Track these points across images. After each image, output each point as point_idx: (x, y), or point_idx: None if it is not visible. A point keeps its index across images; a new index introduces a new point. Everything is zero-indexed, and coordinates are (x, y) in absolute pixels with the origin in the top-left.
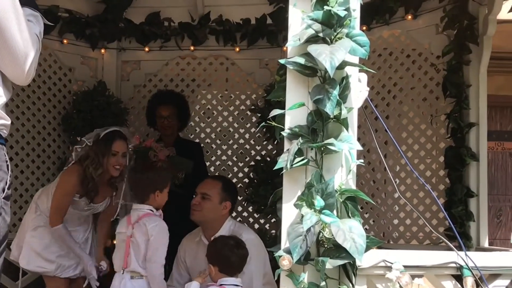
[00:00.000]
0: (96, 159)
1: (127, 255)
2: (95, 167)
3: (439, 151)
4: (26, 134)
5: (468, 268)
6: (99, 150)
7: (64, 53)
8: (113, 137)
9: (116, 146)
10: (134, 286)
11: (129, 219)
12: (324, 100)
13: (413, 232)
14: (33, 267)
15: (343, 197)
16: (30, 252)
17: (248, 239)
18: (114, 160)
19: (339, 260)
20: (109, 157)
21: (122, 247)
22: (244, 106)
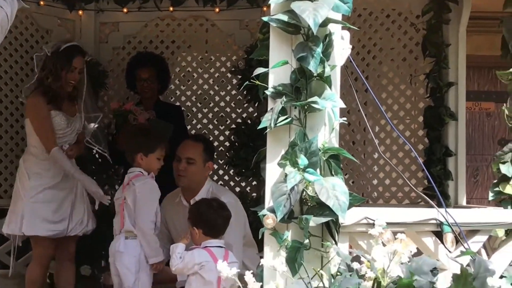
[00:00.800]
0: (55, 72)
1: (122, 217)
2: (54, 79)
3: (418, 111)
4: (4, 99)
5: (448, 224)
6: (58, 63)
7: (41, 15)
8: (74, 53)
9: (76, 62)
10: (126, 245)
11: (123, 185)
12: (308, 57)
13: (392, 192)
14: (43, 232)
15: (326, 155)
16: (36, 218)
17: (227, 202)
18: (72, 75)
19: (322, 217)
20: (68, 72)
21: (118, 211)
22: (225, 68)
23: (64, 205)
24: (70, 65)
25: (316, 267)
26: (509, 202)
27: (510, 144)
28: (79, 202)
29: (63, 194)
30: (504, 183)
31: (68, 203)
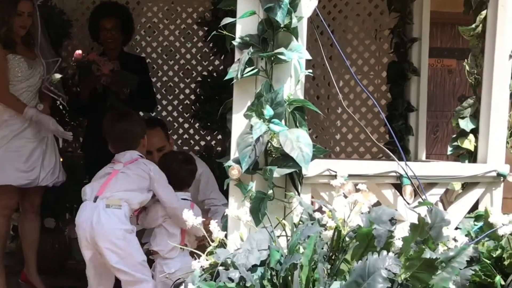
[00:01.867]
0: (1, 18)
1: (105, 184)
2: (2, 23)
3: (382, 66)
4: None
5: (407, 177)
6: (4, 9)
7: None
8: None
9: (22, 6)
10: (109, 215)
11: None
12: (275, 8)
13: (355, 147)
14: (15, 181)
15: (291, 107)
16: (6, 167)
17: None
18: (20, 20)
19: (286, 169)
20: (15, 17)
21: (98, 179)
22: (191, 20)
23: (35, 154)
24: (16, 9)
25: (279, 217)
26: (466, 157)
27: (469, 100)
28: (50, 152)
29: (34, 144)
30: (462, 137)
31: (39, 152)
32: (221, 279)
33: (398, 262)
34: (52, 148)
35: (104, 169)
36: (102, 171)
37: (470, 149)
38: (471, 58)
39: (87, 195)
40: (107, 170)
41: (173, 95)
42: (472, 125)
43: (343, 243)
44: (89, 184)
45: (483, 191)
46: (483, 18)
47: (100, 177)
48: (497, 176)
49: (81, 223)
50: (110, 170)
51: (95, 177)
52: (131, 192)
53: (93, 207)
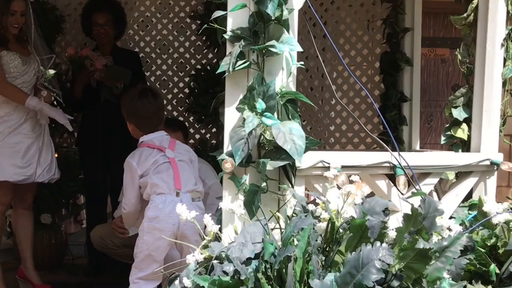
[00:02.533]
0: None
1: (177, 176)
2: None
3: (375, 56)
4: None
5: (401, 167)
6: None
7: None
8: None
9: (15, 5)
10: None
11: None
12: (266, 0)
13: (349, 138)
14: (12, 177)
15: (283, 99)
16: (3, 163)
17: None
18: (13, 19)
19: (279, 161)
20: (8, 16)
21: (164, 170)
22: (184, 13)
23: (31, 150)
24: (9, 8)
25: (273, 210)
26: (460, 146)
27: (462, 89)
28: (46, 149)
29: (30, 140)
30: (456, 127)
31: (35, 148)
32: (216, 272)
33: (391, 252)
34: (48, 144)
35: (155, 158)
36: (155, 161)
37: (464, 138)
38: (463, 47)
39: (163, 189)
40: (161, 159)
41: (167, 88)
42: (465, 114)
43: (337, 234)
44: (152, 176)
45: (477, 180)
46: (475, 7)
47: (160, 168)
48: (491, 164)
49: (170, 218)
50: (165, 159)
51: (151, 169)
52: (197, 181)
53: (176, 201)
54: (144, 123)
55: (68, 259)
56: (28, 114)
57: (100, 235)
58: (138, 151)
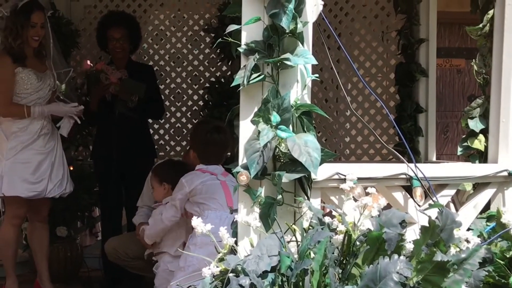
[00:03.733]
0: (15, 30)
1: (229, 194)
2: (14, 37)
3: (390, 68)
4: None
5: (417, 178)
6: (17, 21)
7: None
8: (31, 8)
9: (35, 17)
10: None
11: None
12: (280, 14)
13: (364, 149)
14: (23, 193)
15: (298, 112)
16: (15, 178)
17: None
18: (33, 31)
19: (295, 174)
20: (28, 28)
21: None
22: (198, 26)
23: (43, 166)
24: (29, 21)
25: (289, 222)
26: (476, 157)
27: (478, 100)
28: (58, 164)
29: (42, 156)
30: (472, 138)
31: (47, 164)
32: (232, 286)
33: (409, 265)
34: (60, 159)
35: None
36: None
37: (481, 149)
38: (479, 57)
39: (217, 205)
40: (210, 179)
41: (182, 101)
42: (481, 125)
43: (353, 247)
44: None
45: (495, 191)
46: (490, 17)
47: (212, 188)
48: (509, 175)
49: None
50: (215, 180)
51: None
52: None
53: (231, 218)
54: (208, 155)
55: (84, 272)
56: (42, 130)
57: (114, 246)
58: (191, 173)
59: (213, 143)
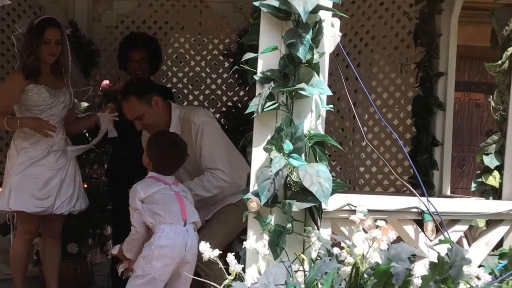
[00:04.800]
0: (29, 47)
1: (183, 208)
2: (28, 54)
3: (407, 100)
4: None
5: (429, 213)
6: (32, 38)
7: None
8: (46, 25)
9: (49, 34)
10: (197, 237)
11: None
12: (297, 44)
13: (378, 180)
14: (30, 209)
15: (311, 141)
16: (22, 194)
17: (202, 121)
18: (48, 48)
19: (305, 203)
20: (42, 45)
21: (170, 200)
22: (217, 51)
23: (52, 182)
24: (43, 37)
25: (298, 251)
26: (491, 193)
27: (494, 136)
28: (69, 181)
29: (51, 172)
30: (487, 174)
31: (56, 181)
32: None
33: None
34: (72, 176)
35: (160, 190)
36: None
37: (495, 185)
38: (496, 94)
39: (172, 219)
40: (166, 191)
41: None
42: (497, 161)
43: (361, 280)
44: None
45: (508, 228)
46: (510, 54)
47: (168, 200)
48: None
49: (177, 246)
50: (170, 191)
51: (160, 200)
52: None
53: (184, 231)
54: (163, 167)
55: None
56: (53, 146)
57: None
58: (144, 180)
59: (171, 157)
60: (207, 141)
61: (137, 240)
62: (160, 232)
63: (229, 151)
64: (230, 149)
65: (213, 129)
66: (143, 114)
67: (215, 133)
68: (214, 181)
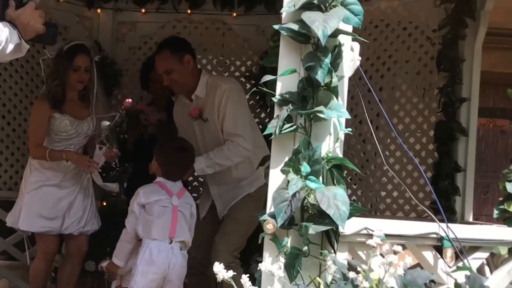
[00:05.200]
0: (56, 73)
1: (174, 224)
2: (53, 79)
3: (429, 125)
4: (19, 92)
5: (448, 239)
6: (61, 64)
7: (60, 11)
8: (76, 52)
9: (79, 61)
10: (183, 257)
11: (166, 189)
12: (316, 67)
13: (400, 204)
14: (36, 229)
15: (329, 164)
16: (30, 213)
17: (228, 87)
18: (77, 75)
19: (322, 226)
20: (71, 71)
21: (164, 215)
22: (239, 73)
23: (62, 203)
24: (72, 64)
25: (314, 275)
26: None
27: None
28: (79, 202)
29: (62, 193)
30: (509, 201)
31: (66, 201)
32: None
33: None
34: (82, 196)
35: (160, 201)
36: (159, 199)
37: None
38: None
39: (158, 235)
40: (163, 202)
41: None
42: None
43: None
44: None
45: None
46: None
47: (162, 214)
48: None
49: (160, 263)
50: (168, 204)
51: (155, 212)
52: (189, 232)
53: (169, 249)
54: (172, 172)
55: None
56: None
57: None
58: (149, 185)
59: (178, 162)
60: (231, 106)
61: (125, 242)
62: (145, 247)
63: (251, 124)
64: (253, 124)
65: (239, 97)
66: (173, 70)
67: (240, 101)
68: (235, 149)
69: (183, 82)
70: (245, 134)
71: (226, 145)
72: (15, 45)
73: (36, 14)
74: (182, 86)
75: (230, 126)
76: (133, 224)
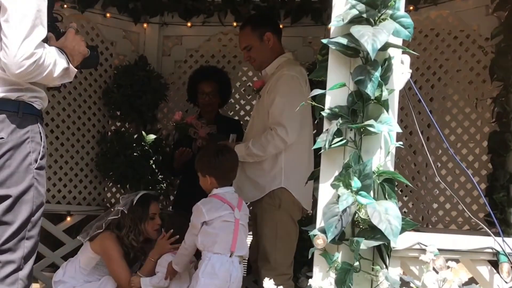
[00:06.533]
0: (134, 227)
1: (236, 238)
2: (135, 234)
3: (482, 135)
4: (67, 107)
5: (504, 254)
6: (136, 216)
7: (107, 26)
8: (148, 200)
9: (153, 209)
10: (242, 270)
11: (227, 202)
12: (366, 81)
13: (453, 217)
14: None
15: (380, 178)
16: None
17: (286, 74)
18: (153, 223)
19: (373, 241)
20: (148, 221)
21: (226, 229)
22: None
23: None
24: (148, 213)
25: None
26: None
27: None
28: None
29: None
30: None
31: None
32: None
33: None
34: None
35: (224, 213)
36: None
37: None
38: None
39: (220, 249)
40: (228, 217)
41: None
42: None
43: None
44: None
45: None
46: None
47: (224, 227)
48: None
49: (222, 276)
50: (231, 218)
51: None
52: (247, 247)
53: (230, 262)
54: (226, 177)
55: None
56: None
57: None
58: (210, 200)
59: (225, 164)
60: (283, 93)
61: (185, 256)
62: (207, 260)
63: (302, 120)
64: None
65: (296, 87)
66: (252, 46)
67: (295, 91)
68: (271, 139)
69: (261, 59)
70: (289, 125)
71: (265, 134)
72: (63, 68)
73: (78, 38)
74: (260, 63)
75: (276, 113)
76: (193, 240)
